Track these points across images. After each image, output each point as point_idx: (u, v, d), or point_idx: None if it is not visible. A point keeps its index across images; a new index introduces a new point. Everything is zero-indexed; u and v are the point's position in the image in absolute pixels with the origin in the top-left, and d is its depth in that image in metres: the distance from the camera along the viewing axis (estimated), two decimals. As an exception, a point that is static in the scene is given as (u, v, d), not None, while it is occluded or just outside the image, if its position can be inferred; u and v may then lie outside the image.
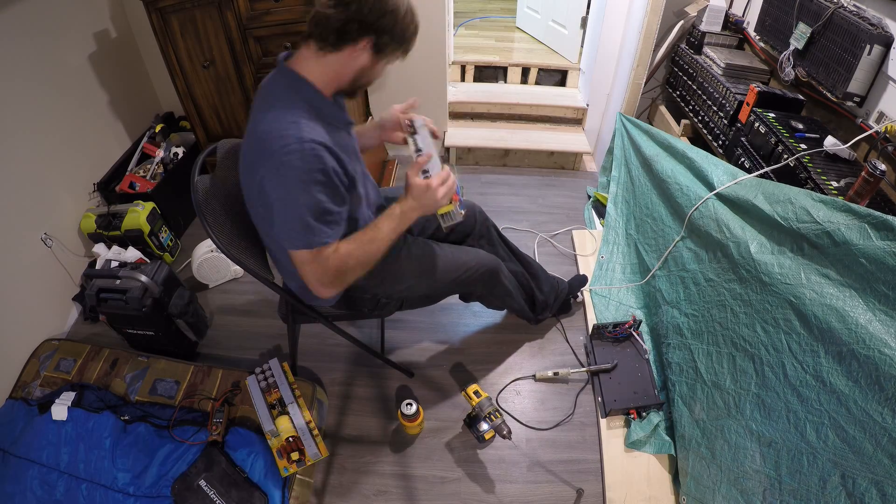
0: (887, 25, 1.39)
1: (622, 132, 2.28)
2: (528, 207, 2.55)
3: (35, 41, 1.83)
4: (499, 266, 1.56)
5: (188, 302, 1.80)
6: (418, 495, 1.48)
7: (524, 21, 3.69)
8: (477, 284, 1.51)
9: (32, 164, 1.82)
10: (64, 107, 1.98)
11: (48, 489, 1.37)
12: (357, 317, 1.51)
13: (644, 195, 2.01)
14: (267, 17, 1.92)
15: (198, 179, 1.15)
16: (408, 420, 1.50)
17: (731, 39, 2.20)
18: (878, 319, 0.98)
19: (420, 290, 1.42)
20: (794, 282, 1.17)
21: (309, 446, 1.41)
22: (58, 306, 1.94)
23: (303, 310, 1.36)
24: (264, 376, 1.54)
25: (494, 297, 1.65)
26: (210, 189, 1.17)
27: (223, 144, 1.28)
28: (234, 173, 1.22)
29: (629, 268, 2.04)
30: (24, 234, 1.78)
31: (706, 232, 1.52)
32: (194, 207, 1.13)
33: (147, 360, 1.66)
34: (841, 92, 1.46)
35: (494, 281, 1.56)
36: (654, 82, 2.66)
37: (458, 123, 2.98)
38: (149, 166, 2.29)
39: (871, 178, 1.20)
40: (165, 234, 2.17)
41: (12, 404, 1.59)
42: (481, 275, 1.49)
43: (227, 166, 1.25)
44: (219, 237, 1.13)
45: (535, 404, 1.71)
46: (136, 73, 2.49)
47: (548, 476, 1.52)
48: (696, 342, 1.48)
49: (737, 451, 1.26)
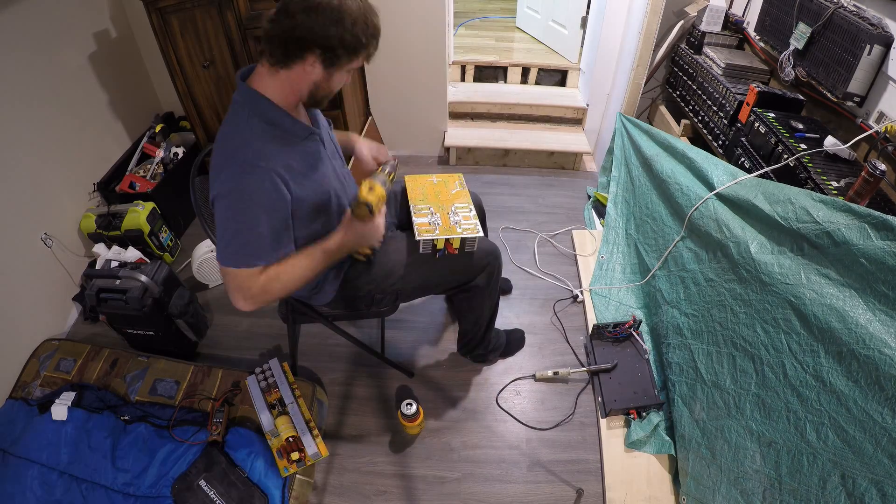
0: (887, 25, 1.39)
1: (622, 132, 2.28)
2: (528, 207, 2.55)
3: (35, 41, 1.83)
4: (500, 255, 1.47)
5: (188, 302, 1.80)
6: (418, 495, 1.48)
7: (524, 21, 3.69)
8: (482, 273, 1.42)
9: (32, 164, 1.82)
10: (64, 107, 1.98)
11: (48, 489, 1.37)
12: (356, 316, 1.51)
13: (644, 195, 2.01)
14: (267, 17, 1.92)
15: (197, 179, 1.16)
16: (408, 420, 1.50)
17: (731, 39, 2.20)
18: (878, 319, 0.98)
19: (413, 279, 1.37)
20: (794, 282, 1.17)
21: (309, 446, 1.41)
22: (58, 306, 1.94)
23: (302, 310, 1.37)
24: (264, 376, 1.54)
25: (489, 292, 1.49)
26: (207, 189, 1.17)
27: None
28: None
29: (629, 268, 2.04)
30: (24, 234, 1.78)
31: (706, 232, 1.52)
32: (193, 207, 1.13)
33: (147, 360, 1.66)
34: (841, 92, 1.46)
35: (496, 270, 1.46)
36: (654, 82, 2.66)
37: (458, 123, 2.98)
38: (149, 166, 2.29)
39: (871, 178, 1.20)
40: (165, 234, 2.17)
41: (12, 404, 1.59)
42: (488, 262, 1.41)
43: None
44: None
45: (535, 404, 1.71)
46: (136, 73, 2.49)
47: (548, 476, 1.52)
48: (696, 342, 1.48)
49: (737, 451, 1.26)
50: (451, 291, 1.48)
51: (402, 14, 2.35)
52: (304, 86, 1.03)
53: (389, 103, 2.70)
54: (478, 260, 1.40)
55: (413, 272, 1.37)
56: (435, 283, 1.42)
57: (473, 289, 1.44)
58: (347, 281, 1.34)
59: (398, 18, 2.35)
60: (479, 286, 1.43)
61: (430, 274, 1.39)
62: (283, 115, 1.05)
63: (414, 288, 1.41)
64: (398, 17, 2.35)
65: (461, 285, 1.44)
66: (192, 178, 1.19)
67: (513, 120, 3.04)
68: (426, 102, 2.70)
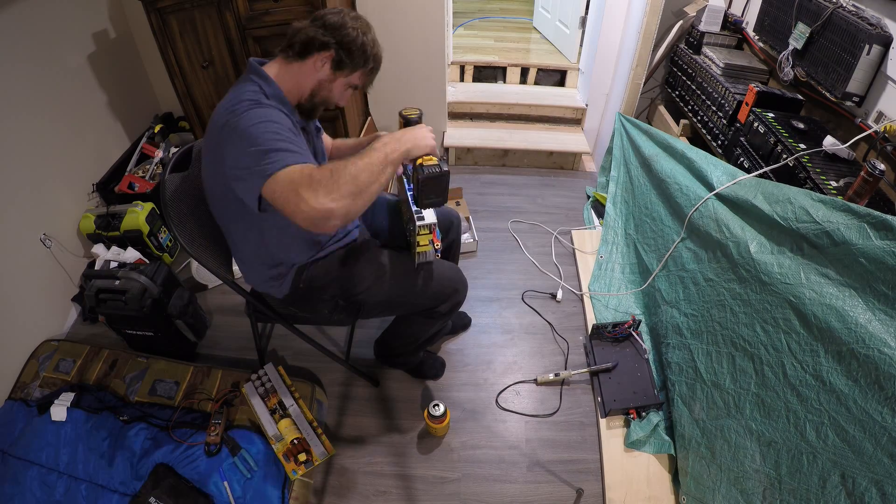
0: (886, 25, 1.39)
1: (621, 132, 2.28)
2: (527, 207, 2.55)
3: (34, 41, 1.82)
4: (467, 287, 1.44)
5: (187, 302, 1.79)
6: (418, 495, 1.48)
7: (539, 21, 3.76)
8: (446, 301, 1.38)
9: (31, 164, 1.81)
10: (63, 107, 1.97)
11: (47, 490, 1.37)
12: (318, 321, 1.49)
13: (643, 195, 2.01)
14: (266, 17, 1.92)
15: (168, 178, 1.18)
16: (435, 421, 1.49)
17: (730, 39, 2.21)
18: (877, 319, 0.98)
19: (379, 294, 1.32)
20: (794, 281, 1.17)
21: (315, 446, 1.41)
22: (57, 307, 1.93)
23: (263, 309, 1.38)
24: (261, 382, 1.54)
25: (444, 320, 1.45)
26: (179, 188, 1.21)
27: (198, 144, 1.30)
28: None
29: (628, 267, 2.04)
30: (23, 234, 1.77)
31: (706, 232, 1.52)
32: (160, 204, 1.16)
33: (146, 361, 1.66)
34: (840, 92, 1.46)
35: (460, 301, 1.42)
36: (654, 82, 2.67)
37: (458, 123, 2.98)
38: (148, 167, 2.29)
39: (870, 178, 1.20)
40: (164, 234, 2.16)
41: (11, 405, 1.58)
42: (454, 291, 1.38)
43: (198, 167, 1.28)
44: (180, 234, 1.17)
45: (535, 404, 1.71)
46: (135, 74, 2.49)
47: (548, 476, 1.52)
48: (696, 342, 1.48)
49: (737, 451, 1.26)
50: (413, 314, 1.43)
51: (402, 14, 2.35)
52: (310, 81, 1.13)
53: (389, 103, 2.70)
54: (447, 285, 1.37)
55: (380, 285, 1.32)
56: (399, 302, 1.37)
57: (435, 314, 1.39)
58: (313, 279, 1.29)
59: (398, 18, 2.35)
60: (440, 313, 1.39)
61: (398, 292, 1.34)
62: (285, 100, 1.12)
63: (378, 302, 1.35)
64: (398, 18, 2.35)
65: (424, 311, 1.39)
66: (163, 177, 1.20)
67: (512, 120, 3.04)
68: (425, 102, 2.70)
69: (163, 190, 1.17)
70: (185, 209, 1.21)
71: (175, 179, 1.21)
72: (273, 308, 1.39)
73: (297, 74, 1.13)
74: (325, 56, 1.11)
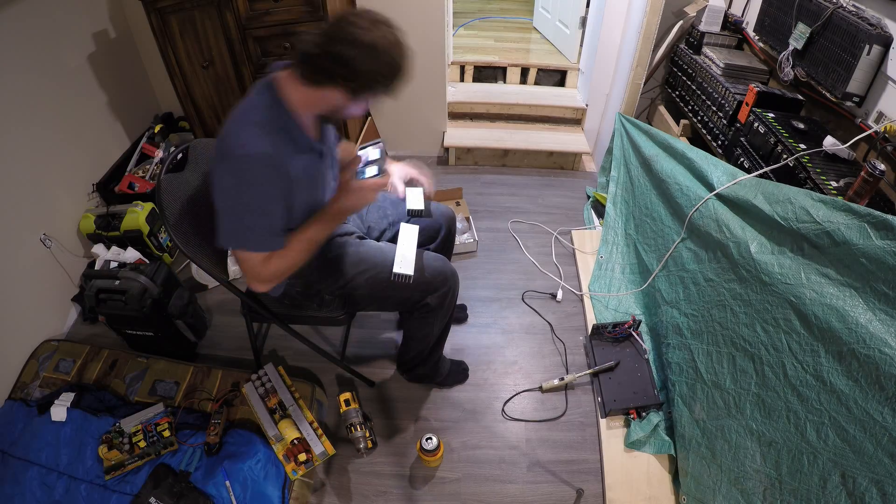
0: (886, 25, 1.39)
1: (621, 132, 2.28)
2: (527, 207, 2.55)
3: (34, 41, 1.82)
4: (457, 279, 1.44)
5: (187, 302, 1.79)
6: (418, 495, 1.48)
7: (540, 21, 3.75)
8: (434, 292, 1.37)
9: (31, 164, 1.81)
10: (63, 107, 1.97)
11: (47, 490, 1.37)
12: (309, 319, 1.49)
13: (643, 195, 2.01)
14: (266, 17, 1.92)
15: (164, 178, 1.18)
16: (428, 455, 1.44)
17: (731, 39, 2.20)
18: (878, 319, 0.98)
19: (362, 287, 1.34)
20: (794, 281, 1.17)
21: (315, 446, 1.41)
22: (57, 307, 1.93)
23: (257, 309, 1.38)
24: (261, 382, 1.54)
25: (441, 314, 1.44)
26: (175, 188, 1.21)
27: (195, 145, 1.30)
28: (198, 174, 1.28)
29: (628, 268, 2.04)
30: (23, 234, 1.77)
31: (706, 232, 1.52)
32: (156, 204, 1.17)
33: (146, 361, 1.66)
34: (840, 92, 1.46)
35: (450, 293, 1.42)
36: (654, 82, 2.66)
37: (458, 124, 2.97)
38: (148, 167, 2.29)
39: (870, 178, 1.20)
40: (164, 234, 2.16)
41: (11, 405, 1.58)
42: (441, 281, 1.37)
43: (195, 167, 1.28)
44: (176, 234, 1.17)
45: (535, 404, 1.71)
46: (135, 74, 2.49)
47: (548, 476, 1.52)
48: (696, 342, 1.48)
49: (737, 451, 1.26)
50: (404, 309, 1.44)
51: (402, 14, 2.32)
52: (323, 106, 1.09)
53: (389, 103, 2.68)
54: (434, 276, 1.36)
55: (360, 276, 1.33)
56: (383, 295, 1.37)
57: (425, 307, 1.39)
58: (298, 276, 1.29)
59: (398, 19, 2.33)
60: (429, 305, 1.38)
61: (379, 283, 1.34)
62: (293, 125, 1.09)
63: (363, 296, 1.36)
64: (398, 18, 2.32)
65: (413, 304, 1.39)
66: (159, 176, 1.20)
67: (512, 120, 3.04)
68: (425, 103, 2.70)
69: (158, 190, 1.17)
70: (181, 209, 1.21)
71: (171, 180, 1.21)
72: (268, 308, 1.39)
73: (312, 98, 1.07)
74: (340, 88, 1.03)
